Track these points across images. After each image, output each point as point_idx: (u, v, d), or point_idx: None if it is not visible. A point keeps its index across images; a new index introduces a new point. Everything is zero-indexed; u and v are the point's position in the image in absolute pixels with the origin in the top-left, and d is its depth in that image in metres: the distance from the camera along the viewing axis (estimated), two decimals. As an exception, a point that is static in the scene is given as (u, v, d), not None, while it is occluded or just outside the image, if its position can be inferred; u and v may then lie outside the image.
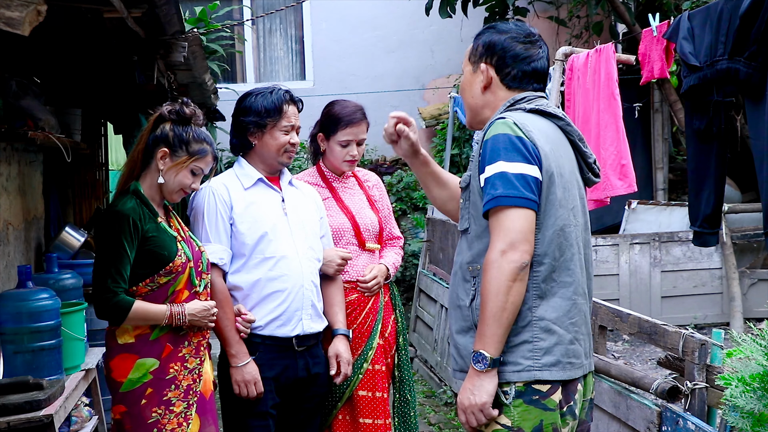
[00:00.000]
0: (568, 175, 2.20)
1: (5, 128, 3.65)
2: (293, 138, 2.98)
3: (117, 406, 2.65)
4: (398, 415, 3.41)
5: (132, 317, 2.59)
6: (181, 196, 2.77)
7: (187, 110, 2.72)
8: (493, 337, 2.05)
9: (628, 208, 6.99)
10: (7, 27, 2.09)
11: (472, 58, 2.33)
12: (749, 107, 4.22)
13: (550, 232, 2.12)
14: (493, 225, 2.08)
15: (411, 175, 8.90)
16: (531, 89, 2.28)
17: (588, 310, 2.27)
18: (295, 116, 3.00)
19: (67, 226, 4.45)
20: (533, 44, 2.28)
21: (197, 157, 2.70)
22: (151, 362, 2.63)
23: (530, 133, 2.11)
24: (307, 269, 2.95)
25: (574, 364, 2.15)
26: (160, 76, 5.01)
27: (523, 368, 2.09)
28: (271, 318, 2.90)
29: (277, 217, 2.95)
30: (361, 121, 3.29)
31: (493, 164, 2.09)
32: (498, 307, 2.03)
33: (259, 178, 2.99)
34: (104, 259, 2.60)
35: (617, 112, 5.50)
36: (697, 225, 4.75)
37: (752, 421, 2.14)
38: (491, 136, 2.13)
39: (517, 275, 2.04)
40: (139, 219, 2.61)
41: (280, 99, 2.95)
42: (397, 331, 3.42)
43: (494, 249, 2.05)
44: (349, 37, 9.32)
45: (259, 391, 2.86)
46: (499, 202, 2.06)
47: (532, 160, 2.09)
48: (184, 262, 2.67)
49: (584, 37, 8.46)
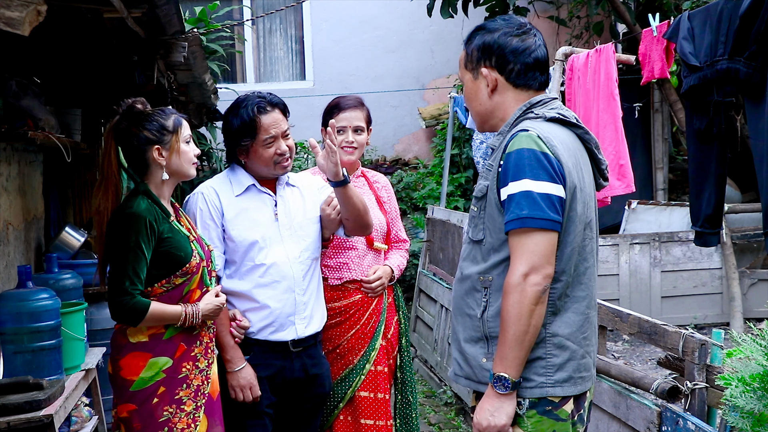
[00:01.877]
0: (588, 187, 2.17)
1: (5, 128, 3.65)
2: (280, 147, 2.90)
3: (125, 405, 2.62)
4: (400, 417, 3.41)
5: (149, 319, 2.57)
6: (196, 167, 2.76)
7: (138, 106, 2.68)
8: (515, 360, 2.03)
9: (628, 208, 7.00)
10: (7, 27, 2.09)
11: (468, 65, 2.26)
12: (749, 107, 4.22)
13: (569, 249, 2.09)
14: (515, 245, 2.05)
15: (411, 175, 8.91)
16: (537, 84, 2.23)
17: (596, 320, 2.26)
18: (276, 124, 2.89)
19: (67, 226, 4.45)
20: (527, 34, 2.21)
21: (179, 128, 2.69)
22: (165, 361, 2.62)
23: (555, 149, 2.06)
24: (299, 274, 2.94)
25: (585, 377, 2.15)
26: (160, 76, 5.01)
27: (536, 385, 2.08)
28: (263, 324, 2.90)
29: (267, 224, 2.94)
30: (355, 107, 3.29)
31: (518, 181, 2.04)
32: (521, 331, 2.02)
33: (251, 184, 2.97)
34: (121, 261, 2.56)
35: (616, 113, 5.50)
36: (698, 225, 4.75)
37: (752, 421, 2.14)
38: (515, 150, 2.06)
39: (539, 298, 2.02)
40: (155, 220, 2.59)
41: (249, 115, 2.85)
42: (399, 332, 3.42)
43: (516, 272, 2.02)
44: (349, 37, 9.32)
45: (255, 395, 2.86)
46: (525, 224, 2.02)
47: (557, 179, 2.05)
48: (198, 262, 2.67)
49: (584, 37, 8.46)
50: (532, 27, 2.25)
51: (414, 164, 9.31)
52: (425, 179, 8.84)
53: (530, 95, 2.22)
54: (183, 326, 2.64)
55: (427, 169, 9.01)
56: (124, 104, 2.68)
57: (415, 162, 9.32)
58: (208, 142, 8.32)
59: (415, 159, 9.36)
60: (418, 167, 9.16)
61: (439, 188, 8.37)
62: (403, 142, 9.45)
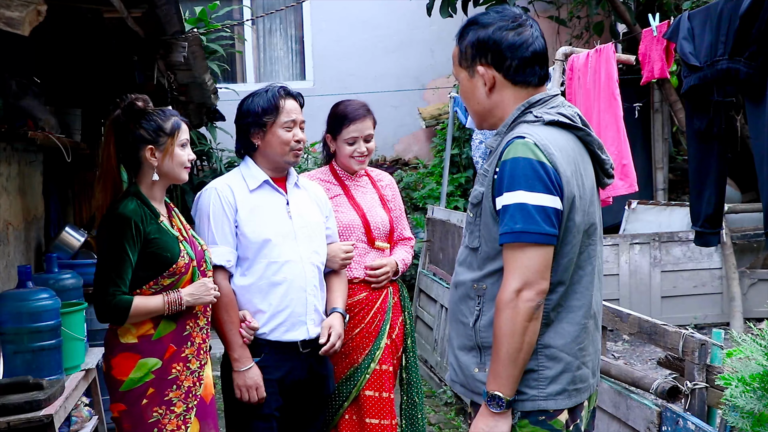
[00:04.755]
0: (589, 193, 2.09)
1: (5, 128, 3.65)
2: (297, 134, 2.95)
3: (116, 404, 2.65)
4: (405, 418, 3.41)
5: (133, 314, 2.57)
6: (188, 172, 2.75)
7: (139, 103, 2.67)
8: (509, 379, 1.97)
9: (628, 208, 7.00)
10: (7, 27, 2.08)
11: (463, 63, 2.15)
12: (749, 107, 4.22)
13: (566, 260, 2.03)
14: (509, 260, 1.98)
15: (411, 175, 8.91)
16: (536, 79, 2.13)
17: (598, 326, 2.19)
18: (296, 111, 2.96)
19: (67, 226, 4.45)
20: (523, 26, 2.09)
21: (177, 131, 2.68)
22: (154, 362, 2.62)
23: (552, 157, 1.97)
24: (310, 274, 2.94)
25: (580, 389, 2.08)
26: (160, 76, 5.01)
27: (528, 398, 2.02)
28: (276, 323, 2.89)
29: (281, 222, 2.94)
30: (365, 117, 3.29)
31: (512, 192, 1.96)
32: (514, 349, 1.95)
33: (265, 180, 2.97)
34: (106, 262, 2.58)
35: (618, 112, 5.50)
36: (699, 225, 4.75)
37: (752, 421, 2.14)
38: (510, 158, 1.98)
39: (532, 315, 1.95)
40: (141, 221, 2.58)
41: (275, 95, 2.93)
42: (405, 333, 3.41)
43: (508, 288, 1.95)
44: (349, 37, 9.32)
45: (260, 396, 2.85)
46: (519, 238, 1.94)
47: (554, 190, 1.96)
48: (187, 263, 2.66)
49: (585, 37, 8.46)
50: (528, 18, 2.14)
51: (414, 164, 9.31)
52: (425, 179, 8.84)
53: (530, 92, 2.13)
54: (173, 326, 2.64)
55: (427, 169, 9.02)
56: (126, 99, 2.67)
57: (415, 162, 9.32)
58: (208, 142, 8.33)
59: (415, 159, 9.37)
60: (418, 167, 9.17)
61: (439, 188, 8.37)
62: (403, 142, 9.45)
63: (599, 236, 2.17)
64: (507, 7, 2.17)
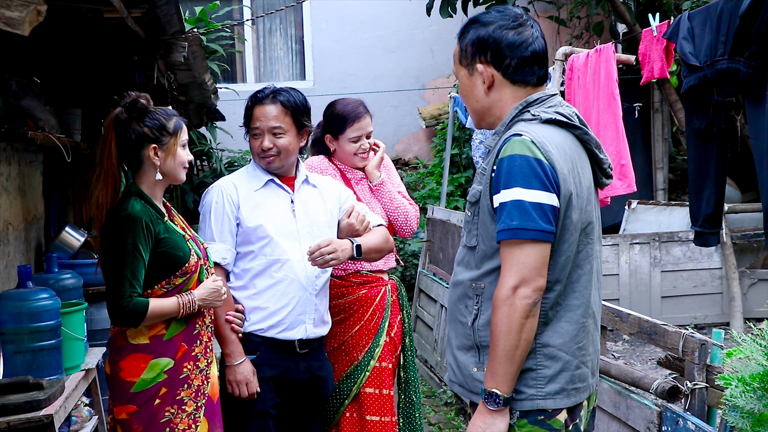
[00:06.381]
0: (586, 191, 2.09)
1: (5, 128, 3.65)
2: (265, 143, 2.93)
3: (124, 406, 2.60)
4: (403, 416, 3.41)
5: (149, 317, 2.55)
6: (185, 172, 2.74)
7: (142, 101, 2.64)
8: (506, 376, 1.97)
9: (628, 208, 7.00)
10: (7, 27, 2.09)
11: (463, 61, 2.16)
12: (749, 107, 4.22)
13: (563, 258, 2.02)
14: (505, 256, 1.98)
15: (411, 175, 8.91)
16: (535, 79, 2.13)
17: (597, 326, 2.18)
18: (264, 117, 2.93)
19: (67, 226, 4.45)
20: (524, 26, 2.10)
21: (179, 131, 2.67)
22: (166, 362, 2.60)
23: (549, 154, 1.98)
24: (312, 273, 2.93)
25: (579, 389, 2.08)
26: (160, 76, 5.02)
27: (527, 397, 2.02)
28: (274, 321, 2.89)
29: (284, 220, 2.94)
30: (365, 114, 3.33)
31: (509, 189, 1.96)
32: (511, 346, 1.95)
33: (270, 179, 2.98)
34: (119, 264, 2.52)
35: (617, 112, 5.50)
36: (698, 225, 4.75)
37: (752, 421, 2.14)
38: (507, 156, 1.98)
39: (529, 312, 1.95)
40: (151, 221, 2.56)
41: (249, 101, 3.00)
42: (403, 331, 3.41)
43: (505, 285, 1.95)
44: (349, 37, 9.33)
45: (251, 392, 2.85)
46: (515, 235, 1.94)
47: (551, 187, 1.96)
48: (196, 261, 2.66)
49: (585, 37, 8.46)
50: (529, 18, 2.14)
51: (414, 164, 9.31)
52: (425, 179, 8.84)
53: (528, 91, 2.13)
54: (184, 325, 2.63)
55: (427, 169, 9.02)
56: (128, 96, 2.64)
57: (415, 162, 9.32)
58: (208, 142, 8.33)
59: (415, 159, 9.37)
60: (418, 167, 9.17)
61: (439, 188, 8.37)
62: (403, 142, 9.45)
63: (597, 236, 2.17)
64: (508, 7, 2.18)
